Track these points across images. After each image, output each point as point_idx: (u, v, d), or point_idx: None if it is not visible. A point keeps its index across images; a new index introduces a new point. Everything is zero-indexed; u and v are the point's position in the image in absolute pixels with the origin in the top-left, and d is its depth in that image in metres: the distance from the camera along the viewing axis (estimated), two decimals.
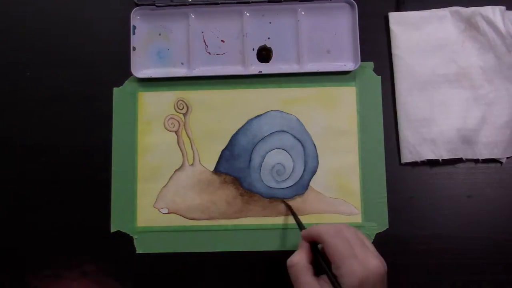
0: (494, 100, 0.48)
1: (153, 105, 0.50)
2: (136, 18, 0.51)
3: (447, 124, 0.48)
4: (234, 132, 0.50)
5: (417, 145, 0.48)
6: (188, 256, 0.48)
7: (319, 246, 0.41)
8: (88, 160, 0.50)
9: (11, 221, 0.49)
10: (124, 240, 0.49)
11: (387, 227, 0.48)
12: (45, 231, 0.49)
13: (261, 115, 0.50)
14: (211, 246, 0.48)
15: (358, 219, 0.48)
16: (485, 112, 0.48)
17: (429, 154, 0.48)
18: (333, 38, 0.50)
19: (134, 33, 0.51)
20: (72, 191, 0.49)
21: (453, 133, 0.48)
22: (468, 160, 0.49)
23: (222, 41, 0.51)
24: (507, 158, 0.48)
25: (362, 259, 0.36)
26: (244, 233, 0.48)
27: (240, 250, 0.48)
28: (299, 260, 0.40)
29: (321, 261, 0.39)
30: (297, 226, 0.46)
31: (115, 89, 0.51)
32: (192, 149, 0.50)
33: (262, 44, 0.51)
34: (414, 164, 0.49)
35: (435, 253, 0.47)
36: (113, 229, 0.49)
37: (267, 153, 0.49)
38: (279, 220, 0.48)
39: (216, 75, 0.50)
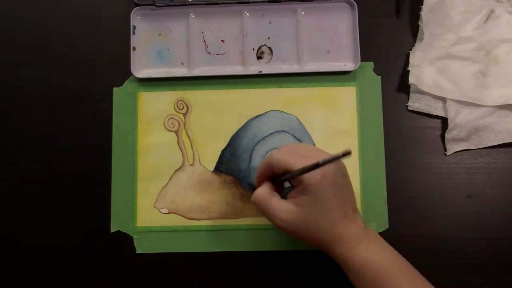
0: None
1: (153, 105, 0.50)
2: (136, 18, 0.51)
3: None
4: (234, 132, 0.50)
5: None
6: (188, 256, 0.48)
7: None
8: (88, 160, 0.50)
9: (10, 221, 0.49)
10: (124, 240, 0.49)
11: (387, 227, 0.48)
12: (45, 231, 0.49)
13: (261, 115, 0.50)
14: (211, 246, 0.48)
15: None
16: None
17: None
18: (333, 38, 0.50)
19: (134, 33, 0.51)
20: (72, 191, 0.49)
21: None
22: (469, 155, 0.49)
23: (222, 41, 0.51)
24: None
25: (311, 157, 0.37)
26: (244, 233, 0.48)
27: (240, 250, 0.48)
28: (262, 190, 0.40)
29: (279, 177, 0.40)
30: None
31: (115, 89, 0.51)
32: (192, 149, 0.50)
33: (262, 44, 0.51)
34: (414, 164, 0.49)
35: (435, 253, 0.47)
36: (113, 229, 0.49)
37: (267, 153, 0.49)
38: None
39: (216, 75, 0.50)
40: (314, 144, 0.49)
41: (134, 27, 0.51)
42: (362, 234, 0.40)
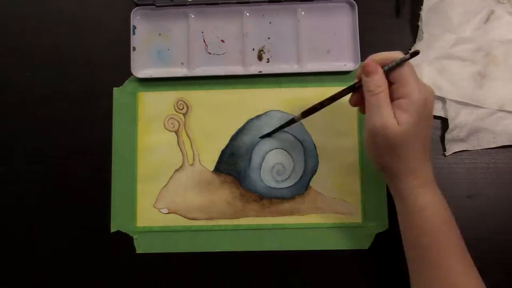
0: None
1: (153, 105, 0.50)
2: (136, 18, 0.51)
3: None
4: (234, 132, 0.50)
5: None
6: (188, 256, 0.48)
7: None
8: (88, 160, 0.50)
9: (10, 221, 0.49)
10: (124, 240, 0.49)
11: (387, 227, 0.48)
12: (45, 231, 0.49)
13: (261, 115, 0.50)
14: (211, 246, 0.48)
15: (358, 219, 0.48)
16: None
17: None
18: (333, 38, 0.50)
19: (134, 33, 0.51)
20: (72, 191, 0.49)
21: None
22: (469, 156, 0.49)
23: (222, 41, 0.51)
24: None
25: (423, 83, 0.39)
26: (244, 233, 0.48)
27: (240, 250, 0.48)
28: (384, 82, 0.39)
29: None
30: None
31: (115, 89, 0.51)
32: (192, 149, 0.50)
33: (262, 44, 0.51)
34: None
35: None
36: (113, 229, 0.49)
37: (267, 153, 0.49)
38: (279, 220, 0.48)
39: (216, 75, 0.50)
40: (314, 145, 0.49)
41: (134, 27, 0.51)
42: (432, 177, 0.40)
